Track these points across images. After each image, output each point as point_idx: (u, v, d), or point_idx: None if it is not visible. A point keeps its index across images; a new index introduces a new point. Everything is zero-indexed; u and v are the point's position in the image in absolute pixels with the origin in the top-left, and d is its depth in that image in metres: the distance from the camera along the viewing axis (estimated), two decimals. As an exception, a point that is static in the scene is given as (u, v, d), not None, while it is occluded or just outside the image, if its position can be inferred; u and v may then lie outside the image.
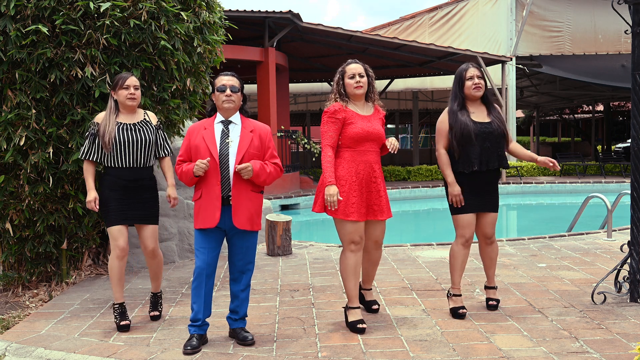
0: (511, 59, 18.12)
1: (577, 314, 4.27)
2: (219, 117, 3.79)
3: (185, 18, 5.07)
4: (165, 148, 4.38)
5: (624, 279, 4.61)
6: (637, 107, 4.43)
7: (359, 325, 3.98)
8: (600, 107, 33.47)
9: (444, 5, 20.22)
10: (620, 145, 26.20)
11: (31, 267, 5.30)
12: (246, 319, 3.99)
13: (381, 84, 20.62)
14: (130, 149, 4.12)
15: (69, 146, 4.85)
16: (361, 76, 4.02)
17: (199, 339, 3.75)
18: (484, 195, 4.23)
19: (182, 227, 6.52)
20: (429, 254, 6.60)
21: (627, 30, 4.51)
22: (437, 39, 19.84)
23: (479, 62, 16.36)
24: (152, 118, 4.34)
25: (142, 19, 4.77)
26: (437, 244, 7.12)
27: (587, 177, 18.23)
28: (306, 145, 15.55)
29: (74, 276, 5.48)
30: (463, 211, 4.18)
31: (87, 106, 4.85)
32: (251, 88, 19.86)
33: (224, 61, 6.14)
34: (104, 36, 4.67)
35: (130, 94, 4.14)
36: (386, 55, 17.28)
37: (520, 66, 19.53)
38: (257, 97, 15.11)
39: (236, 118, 3.80)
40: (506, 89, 17.94)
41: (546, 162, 4.18)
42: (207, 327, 3.84)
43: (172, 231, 6.40)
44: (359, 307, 4.07)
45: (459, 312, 4.24)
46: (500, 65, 17.72)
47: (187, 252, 6.54)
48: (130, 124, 4.17)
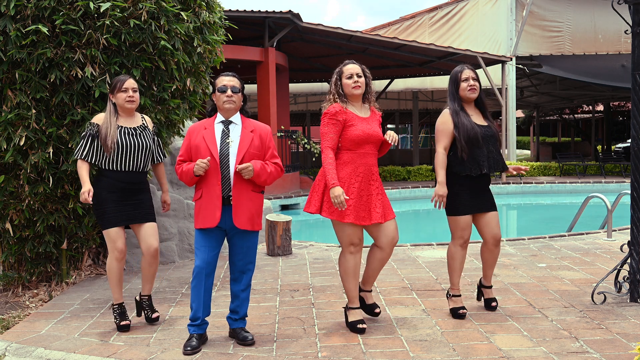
0: (511, 59, 18.12)
1: (577, 314, 4.27)
2: (219, 117, 3.79)
3: (185, 18, 5.07)
4: (159, 154, 4.37)
5: (624, 279, 4.61)
6: (637, 107, 4.43)
7: (359, 325, 3.97)
8: (600, 107, 33.48)
9: (444, 5, 20.23)
10: (620, 145, 26.20)
11: (31, 267, 5.30)
12: (246, 319, 3.99)
13: (381, 84, 20.63)
14: (131, 154, 4.10)
15: (69, 146, 4.85)
16: (359, 76, 3.96)
17: (198, 338, 3.75)
18: (481, 196, 4.22)
19: (182, 227, 6.52)
20: (429, 254, 6.60)
21: (627, 30, 4.51)
22: (437, 39, 19.85)
23: (479, 62, 16.37)
24: (149, 123, 4.33)
25: (142, 19, 4.77)
26: (437, 244, 7.12)
27: (587, 177, 18.23)
28: (306, 145, 15.54)
29: (74, 276, 5.49)
30: (462, 212, 4.17)
31: (87, 106, 4.85)
32: (251, 88, 19.87)
33: (224, 61, 6.14)
34: (104, 36, 4.67)
35: (129, 96, 4.11)
36: (386, 55, 17.29)
37: (520, 66, 19.54)
38: (257, 97, 15.10)
39: (236, 118, 3.79)
40: (506, 89, 17.95)
41: (515, 169, 4.28)
42: (207, 326, 3.84)
43: (172, 231, 6.40)
44: (359, 307, 4.07)
45: (459, 312, 4.24)
46: (500, 65, 17.74)
47: (187, 252, 6.54)
48: (130, 128, 4.15)
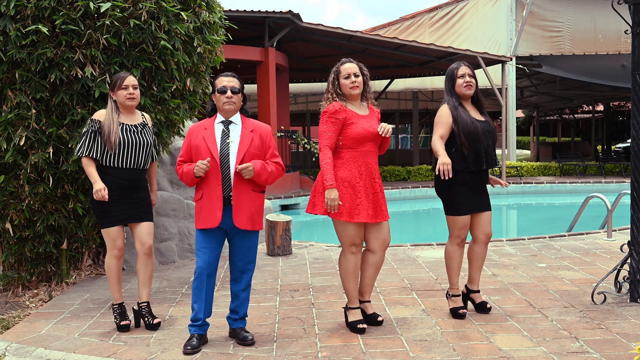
0: (511, 59, 18.12)
1: (577, 314, 4.27)
2: (219, 118, 3.79)
3: (185, 18, 5.07)
4: (153, 153, 4.38)
5: (624, 279, 4.61)
6: (637, 107, 4.43)
7: (359, 325, 3.97)
8: (600, 107, 33.47)
9: (444, 5, 20.23)
10: (620, 145, 26.19)
11: (31, 267, 5.30)
12: (246, 319, 3.99)
13: (381, 84, 20.63)
14: (133, 151, 4.11)
15: (69, 146, 4.84)
16: (356, 76, 3.93)
17: (199, 339, 3.75)
18: (479, 196, 4.22)
19: (182, 227, 6.52)
20: (429, 254, 6.60)
21: (627, 30, 4.50)
22: (437, 39, 19.85)
23: (479, 62, 16.37)
24: (149, 120, 4.34)
25: (142, 19, 4.77)
26: (437, 244, 7.12)
27: (587, 177, 18.23)
28: (306, 145, 15.54)
29: (74, 276, 5.49)
30: (462, 212, 4.16)
31: (87, 106, 4.85)
32: (251, 88, 19.86)
33: (224, 61, 6.13)
34: (104, 36, 4.67)
35: (130, 93, 4.11)
36: (386, 55, 17.28)
37: (520, 66, 19.55)
38: (257, 97, 15.10)
39: (236, 118, 3.79)
40: (506, 89, 17.94)
41: (494, 182, 4.36)
42: (208, 327, 3.84)
43: (172, 231, 6.40)
44: (359, 307, 4.06)
45: (459, 312, 4.24)
46: (500, 65, 17.72)
47: (187, 252, 6.54)
48: (132, 125, 4.16)
